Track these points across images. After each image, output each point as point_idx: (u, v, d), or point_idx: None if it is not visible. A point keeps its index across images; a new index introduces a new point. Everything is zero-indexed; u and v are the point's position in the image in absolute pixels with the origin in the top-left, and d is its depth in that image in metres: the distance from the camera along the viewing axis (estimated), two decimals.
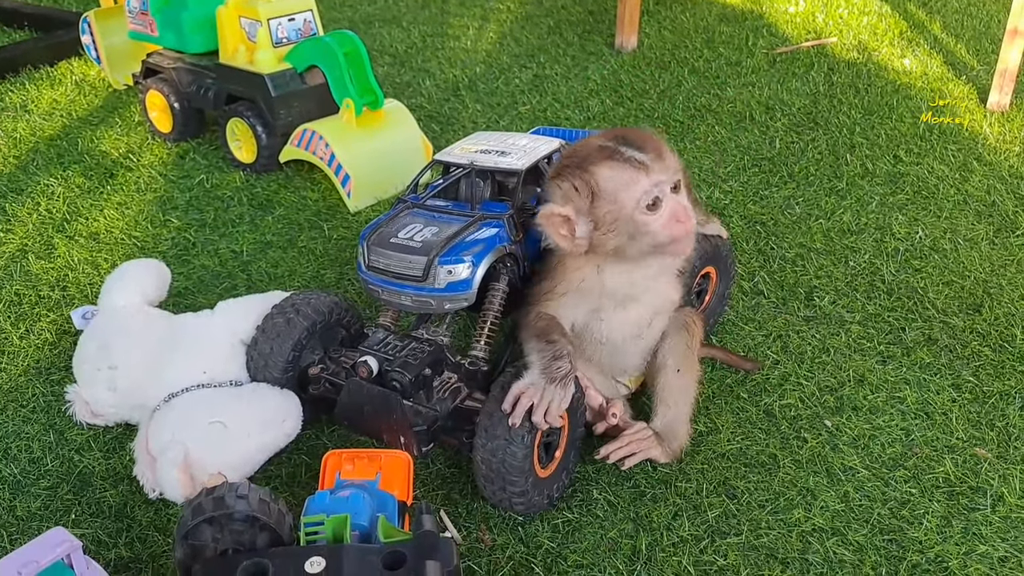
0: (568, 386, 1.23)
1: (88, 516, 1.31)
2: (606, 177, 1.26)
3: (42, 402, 1.52)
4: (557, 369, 1.23)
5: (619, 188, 1.26)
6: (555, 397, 1.21)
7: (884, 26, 3.16)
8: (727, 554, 1.24)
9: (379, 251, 1.35)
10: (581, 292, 1.34)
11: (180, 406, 1.37)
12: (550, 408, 1.21)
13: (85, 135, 2.43)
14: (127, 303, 1.55)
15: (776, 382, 1.55)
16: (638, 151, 1.26)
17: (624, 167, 1.25)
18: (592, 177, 1.27)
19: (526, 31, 3.22)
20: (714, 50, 2.99)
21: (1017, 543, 1.25)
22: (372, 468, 1.23)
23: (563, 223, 1.28)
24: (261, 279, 1.85)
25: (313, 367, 1.41)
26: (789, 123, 2.48)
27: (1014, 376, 1.55)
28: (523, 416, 1.21)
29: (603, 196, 1.26)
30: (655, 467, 1.38)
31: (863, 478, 1.36)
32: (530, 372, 1.24)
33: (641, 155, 1.26)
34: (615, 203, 1.26)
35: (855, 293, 1.77)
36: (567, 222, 1.28)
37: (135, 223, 2.05)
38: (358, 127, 2.14)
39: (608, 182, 1.26)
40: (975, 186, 2.14)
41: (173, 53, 2.38)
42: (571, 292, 1.34)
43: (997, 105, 2.52)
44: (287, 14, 2.18)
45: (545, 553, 1.25)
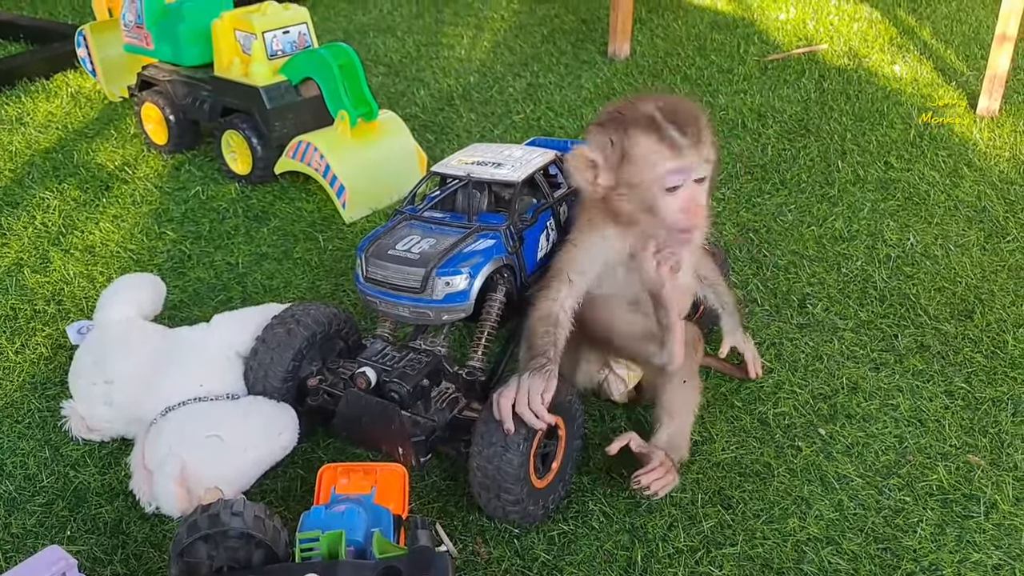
0: (546, 374, 1.24)
1: (84, 532, 1.31)
2: (642, 146, 1.29)
3: (37, 418, 1.52)
4: (532, 362, 1.26)
5: (648, 162, 1.29)
6: (532, 386, 1.22)
7: (874, 32, 3.18)
8: (723, 565, 1.24)
9: (377, 263, 1.36)
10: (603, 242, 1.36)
11: (177, 420, 1.37)
12: (530, 397, 1.21)
13: (81, 147, 2.44)
14: (122, 317, 1.55)
15: (770, 390, 1.56)
16: (680, 132, 1.28)
17: (661, 145, 1.28)
18: (629, 140, 1.30)
19: (519, 40, 3.23)
20: (706, 58, 3.00)
21: (1011, 550, 1.26)
22: (367, 482, 1.23)
23: (589, 166, 1.33)
24: (256, 291, 1.86)
25: (311, 378, 1.42)
26: (781, 130, 2.49)
27: (1006, 382, 1.56)
28: (510, 416, 1.21)
29: (632, 162, 1.30)
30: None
31: (857, 486, 1.36)
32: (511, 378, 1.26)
33: (681, 137, 1.27)
34: (639, 173, 1.30)
35: (848, 300, 1.78)
36: (593, 167, 1.32)
37: (131, 236, 2.05)
38: (353, 138, 2.15)
39: (641, 152, 1.29)
40: (966, 192, 2.15)
41: (168, 66, 2.39)
42: (593, 237, 1.37)
43: (987, 110, 2.53)
44: (282, 27, 2.19)
45: (541, 565, 1.25)
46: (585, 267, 1.37)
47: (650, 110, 1.30)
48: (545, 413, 1.22)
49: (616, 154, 1.31)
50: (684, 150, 1.27)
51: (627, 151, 1.30)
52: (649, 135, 1.28)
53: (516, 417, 1.22)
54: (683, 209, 1.30)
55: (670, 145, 1.27)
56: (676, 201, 1.29)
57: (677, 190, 1.29)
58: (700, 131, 1.29)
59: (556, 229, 1.51)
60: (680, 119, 1.29)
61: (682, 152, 1.27)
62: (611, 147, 1.31)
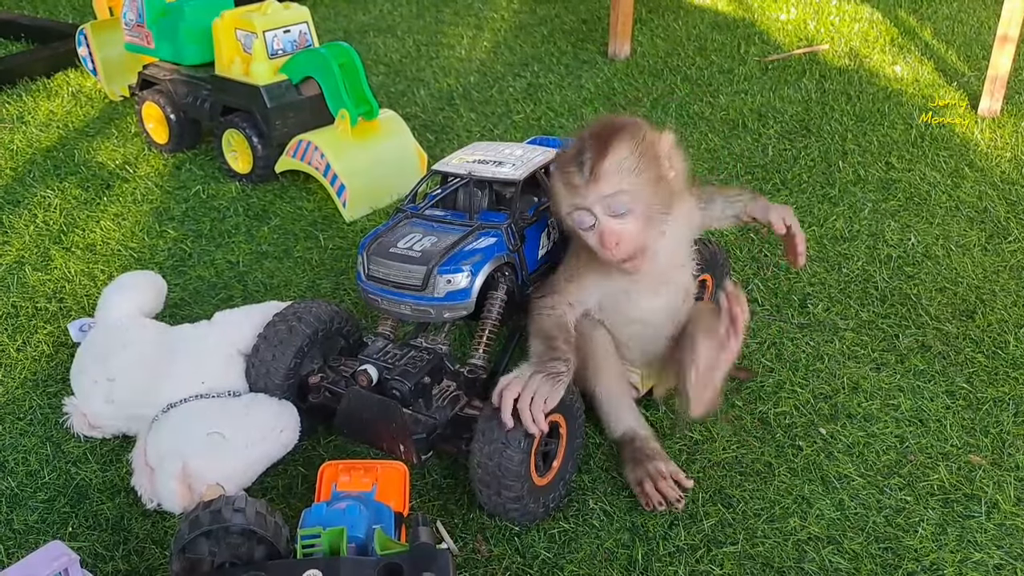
0: (557, 383, 1.24)
1: (85, 529, 1.31)
2: (554, 183, 1.35)
3: (39, 415, 1.52)
4: (549, 366, 1.25)
5: (555, 200, 1.35)
6: (540, 388, 1.22)
7: (875, 33, 3.18)
8: (723, 563, 1.24)
9: (379, 261, 1.36)
10: (599, 271, 1.38)
11: (178, 417, 1.37)
12: (534, 399, 1.21)
13: (82, 146, 2.44)
14: (124, 315, 1.56)
15: (771, 390, 1.56)
16: (578, 169, 1.28)
17: (559, 180, 1.32)
18: (551, 178, 1.37)
19: (520, 40, 3.23)
20: (706, 58, 3.00)
21: (1012, 550, 1.26)
22: (368, 479, 1.23)
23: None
24: (257, 289, 1.86)
25: (313, 376, 1.42)
26: (781, 130, 2.49)
27: (1008, 382, 1.56)
28: (510, 409, 1.21)
29: (553, 199, 1.36)
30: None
31: (858, 486, 1.36)
32: (521, 367, 1.26)
33: (577, 175, 1.28)
34: (558, 211, 1.34)
35: (848, 300, 1.78)
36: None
37: (131, 234, 2.06)
38: (353, 137, 2.15)
39: (553, 188, 1.35)
40: (967, 192, 2.15)
41: (169, 65, 2.39)
42: (588, 272, 1.39)
43: (988, 111, 2.53)
44: (282, 26, 2.19)
45: (541, 564, 1.25)
46: (583, 298, 1.40)
47: (567, 147, 1.34)
48: (542, 420, 1.22)
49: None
50: (579, 188, 1.28)
51: (552, 189, 1.36)
52: (558, 173, 1.33)
53: (514, 414, 1.22)
54: (599, 243, 1.30)
55: (566, 183, 1.30)
56: (592, 237, 1.31)
57: (588, 226, 1.31)
58: (600, 164, 1.26)
59: (557, 227, 1.51)
60: (586, 153, 1.27)
61: (576, 191, 1.29)
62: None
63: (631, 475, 1.35)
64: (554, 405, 1.23)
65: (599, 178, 1.27)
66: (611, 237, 1.29)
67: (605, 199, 1.28)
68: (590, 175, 1.27)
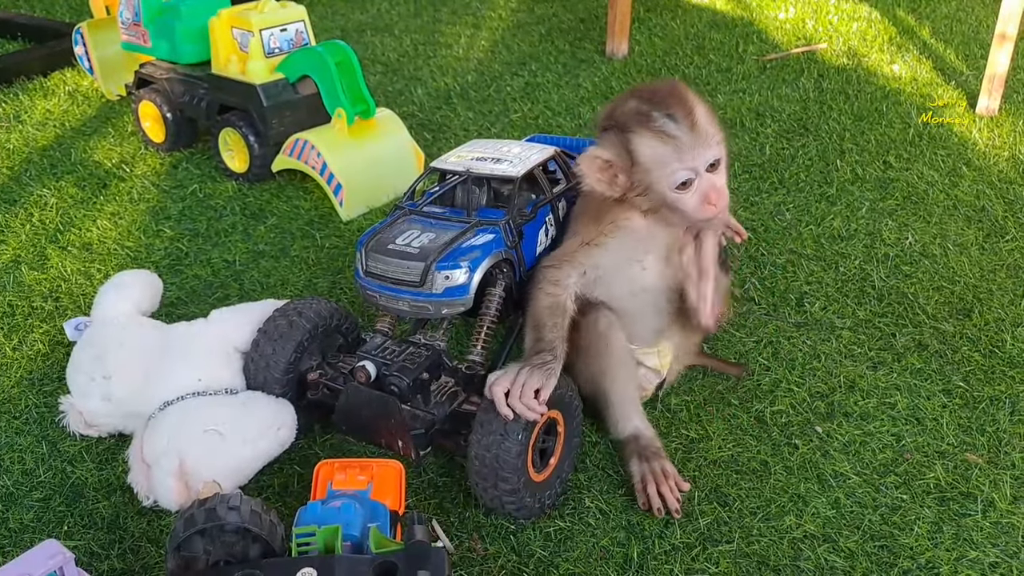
0: (547, 374, 1.24)
1: (81, 527, 1.31)
2: (642, 146, 1.29)
3: (35, 413, 1.52)
4: (536, 358, 1.26)
5: (653, 163, 1.29)
6: (529, 381, 1.22)
7: (874, 32, 3.18)
8: (719, 562, 1.24)
9: (377, 257, 1.36)
10: (627, 237, 1.37)
11: (175, 414, 1.37)
12: (523, 391, 1.21)
13: (78, 145, 2.44)
14: (119, 313, 1.55)
15: (767, 388, 1.56)
16: (673, 120, 1.26)
17: (657, 141, 1.27)
18: (630, 143, 1.29)
19: (517, 39, 3.23)
20: (704, 57, 3.00)
21: (1008, 548, 1.26)
22: (364, 478, 1.23)
23: (604, 167, 1.32)
24: (253, 288, 1.86)
25: (312, 372, 1.42)
26: (779, 129, 2.49)
27: (1004, 381, 1.56)
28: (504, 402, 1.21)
29: (639, 164, 1.30)
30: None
31: (854, 484, 1.36)
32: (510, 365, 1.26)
33: (675, 127, 1.26)
34: (648, 175, 1.29)
35: (845, 299, 1.78)
36: (609, 167, 1.32)
37: (128, 233, 2.05)
38: (350, 136, 2.15)
39: (644, 153, 1.29)
40: (965, 191, 2.15)
41: (166, 64, 2.39)
42: (617, 235, 1.37)
43: (986, 110, 2.53)
44: (279, 24, 2.19)
45: (537, 562, 1.25)
46: (602, 264, 1.38)
47: (639, 105, 1.29)
48: (536, 406, 1.22)
49: (625, 158, 1.30)
50: (683, 142, 1.26)
51: (633, 154, 1.30)
52: (646, 133, 1.28)
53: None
54: (701, 202, 1.30)
55: (668, 142, 1.26)
56: (692, 196, 1.30)
57: (689, 185, 1.29)
58: (692, 114, 1.27)
59: (555, 224, 1.51)
60: (670, 107, 1.27)
61: (683, 147, 1.26)
62: (620, 149, 1.30)
63: (636, 470, 1.35)
64: (548, 393, 1.23)
65: (701, 132, 1.27)
66: (715, 193, 1.29)
67: (710, 152, 1.28)
68: (691, 130, 1.26)
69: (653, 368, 1.49)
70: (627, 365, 1.42)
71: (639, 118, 1.29)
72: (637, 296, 1.42)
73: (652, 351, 1.48)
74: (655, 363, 1.49)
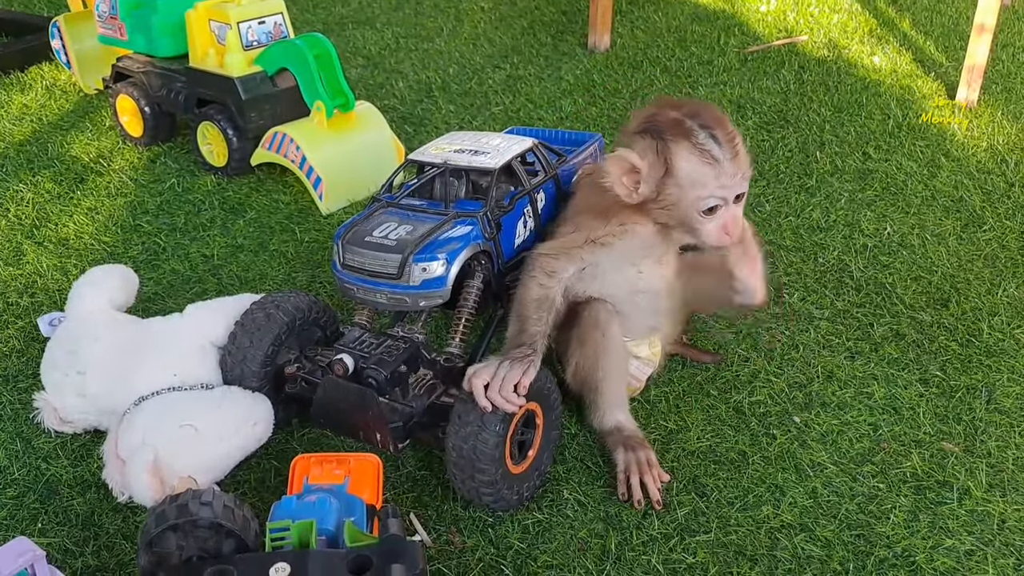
0: (526, 365, 1.23)
1: (55, 524, 1.30)
2: (683, 160, 1.26)
3: (9, 410, 1.50)
4: (516, 352, 1.25)
5: (689, 181, 1.27)
6: (509, 374, 1.21)
7: (854, 24, 3.19)
8: (696, 552, 1.24)
9: (354, 249, 1.36)
10: (632, 242, 1.36)
11: (150, 409, 1.36)
12: (503, 384, 1.21)
13: (55, 140, 2.42)
14: (94, 308, 1.54)
15: (746, 379, 1.56)
16: (717, 143, 1.25)
17: (701, 160, 1.25)
18: (673, 155, 1.27)
19: (499, 32, 3.22)
20: (686, 49, 3.00)
21: (983, 536, 1.26)
22: (341, 472, 1.22)
23: (630, 172, 1.30)
24: (232, 283, 1.85)
25: (289, 366, 1.41)
26: (760, 121, 2.49)
27: (981, 370, 1.57)
28: (482, 394, 1.21)
29: (674, 177, 1.28)
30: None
31: (831, 474, 1.37)
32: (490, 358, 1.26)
33: (719, 151, 1.25)
34: (681, 191, 1.28)
35: (824, 289, 1.79)
36: (635, 173, 1.30)
37: (105, 228, 2.04)
38: (329, 129, 2.14)
39: (683, 168, 1.27)
40: (943, 182, 2.16)
41: (143, 57, 2.37)
42: (624, 238, 1.36)
43: (965, 101, 2.54)
44: (257, 17, 2.17)
45: (515, 554, 1.25)
46: (602, 263, 1.37)
47: (678, 116, 1.28)
48: (515, 399, 1.21)
49: (659, 167, 1.28)
50: (724, 168, 1.25)
51: (671, 166, 1.27)
52: (690, 148, 1.26)
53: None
54: (718, 231, 1.30)
55: (712, 164, 1.25)
56: (715, 222, 1.29)
57: (715, 211, 1.29)
58: (735, 142, 1.27)
59: (534, 216, 1.51)
60: (714, 128, 1.26)
61: (723, 171, 1.25)
62: (655, 156, 1.28)
63: (621, 459, 1.35)
64: (527, 385, 1.23)
65: (740, 161, 1.26)
66: (734, 224, 1.29)
67: (742, 183, 1.28)
68: (733, 157, 1.25)
69: (645, 358, 1.49)
70: (621, 360, 1.42)
71: (683, 130, 1.26)
72: (634, 297, 1.42)
73: (644, 342, 1.48)
74: (646, 353, 1.49)
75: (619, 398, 1.42)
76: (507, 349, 1.29)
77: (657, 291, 1.43)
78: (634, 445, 1.36)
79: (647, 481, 1.32)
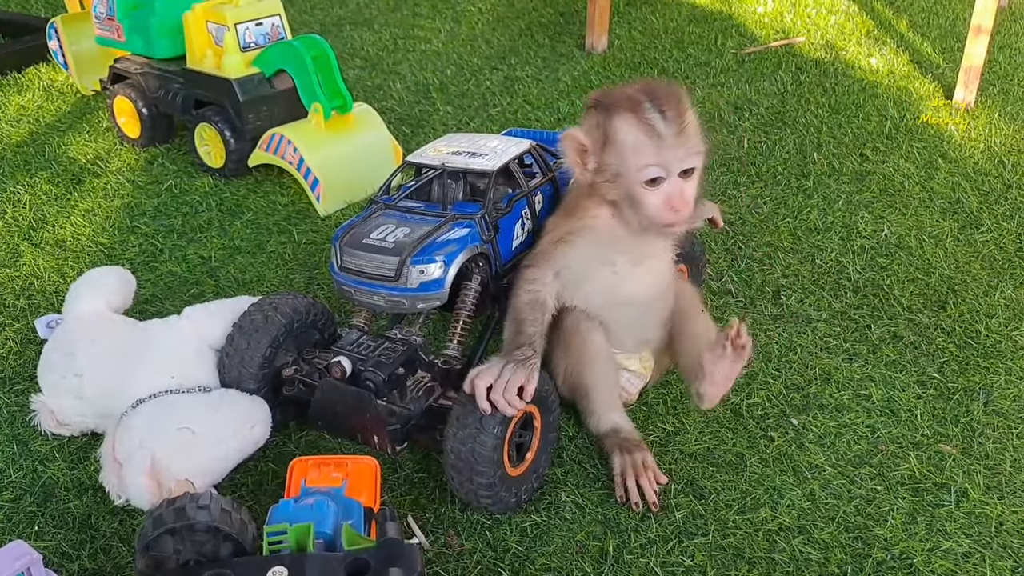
0: (529, 369, 1.23)
1: (52, 527, 1.29)
2: (622, 131, 1.26)
3: (6, 413, 1.50)
4: (517, 353, 1.25)
5: (628, 149, 1.26)
6: (513, 377, 1.21)
7: (851, 25, 3.19)
8: (694, 554, 1.24)
9: (352, 252, 1.36)
10: (594, 235, 1.34)
11: (147, 412, 1.36)
12: (507, 387, 1.20)
13: (53, 141, 2.41)
14: (91, 310, 1.54)
15: (743, 381, 1.56)
16: (663, 119, 1.24)
17: (639, 129, 1.24)
18: (611, 124, 1.26)
19: (497, 33, 3.22)
20: (683, 51, 3.00)
21: (981, 539, 1.26)
22: (339, 475, 1.23)
23: (579, 150, 1.30)
24: (229, 285, 1.84)
25: (287, 368, 1.41)
26: (757, 123, 2.49)
27: (978, 372, 1.57)
28: (485, 397, 1.20)
29: (613, 147, 1.27)
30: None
31: (829, 476, 1.37)
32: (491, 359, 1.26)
33: (664, 125, 1.23)
34: (621, 160, 1.26)
35: (822, 291, 1.79)
36: (583, 150, 1.30)
37: (102, 230, 2.03)
38: (327, 131, 2.13)
39: (621, 137, 1.26)
40: (940, 183, 2.16)
41: (140, 58, 2.36)
42: (584, 234, 1.34)
43: (963, 102, 2.54)
44: (254, 19, 2.17)
45: (513, 557, 1.25)
46: (572, 265, 1.36)
47: (632, 92, 1.26)
48: (518, 403, 1.21)
49: (599, 138, 1.28)
50: (666, 141, 1.24)
51: (609, 135, 1.27)
52: (630, 120, 1.25)
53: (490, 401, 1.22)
54: (664, 205, 1.27)
55: (651, 134, 1.23)
56: (658, 196, 1.27)
57: (657, 183, 1.27)
58: (684, 118, 1.25)
59: (531, 218, 1.51)
60: (663, 104, 1.24)
61: (663, 143, 1.24)
62: (596, 130, 1.28)
63: (617, 461, 1.35)
64: (532, 390, 1.23)
65: (685, 136, 1.25)
66: (679, 199, 1.27)
67: (688, 159, 1.26)
68: (680, 126, 1.24)
69: (635, 372, 1.48)
70: (606, 360, 1.42)
71: (628, 103, 1.26)
72: (618, 307, 1.40)
73: (633, 356, 1.48)
74: (637, 367, 1.48)
75: (612, 401, 1.42)
76: (507, 350, 1.28)
77: (643, 301, 1.41)
78: (630, 447, 1.36)
79: (643, 484, 1.32)
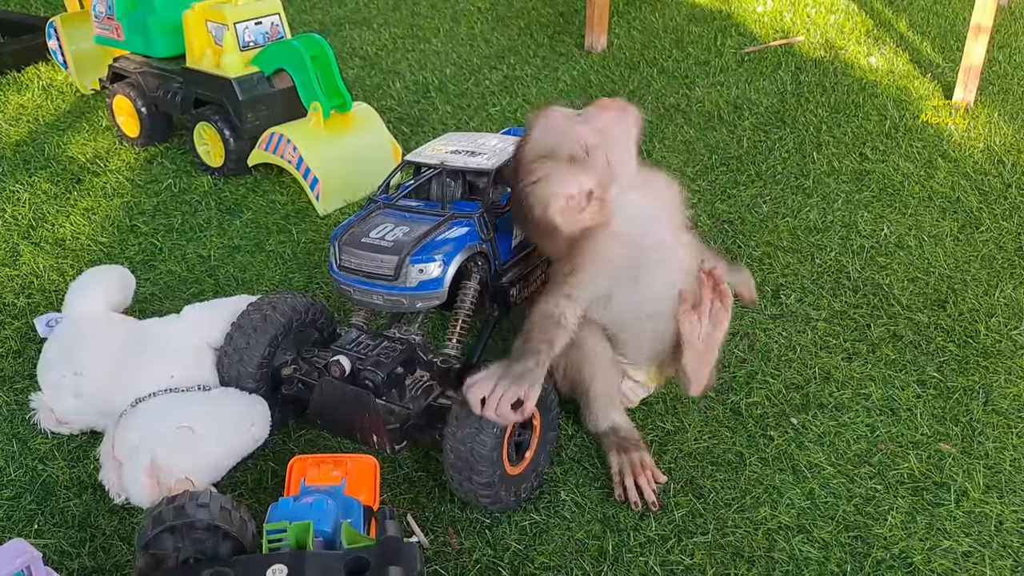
0: (530, 384, 1.22)
1: (51, 526, 1.29)
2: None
3: (5, 411, 1.50)
4: (516, 366, 1.24)
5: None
6: (507, 393, 1.20)
7: (851, 24, 3.19)
8: (693, 553, 1.24)
9: (351, 251, 1.36)
10: (599, 262, 1.33)
11: (147, 410, 1.36)
12: (500, 402, 1.20)
13: (52, 140, 2.41)
14: (91, 309, 1.54)
15: (743, 380, 1.56)
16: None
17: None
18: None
19: (496, 32, 3.22)
20: (683, 50, 3.00)
21: (980, 538, 1.26)
22: (338, 473, 1.22)
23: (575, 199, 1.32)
24: (228, 284, 1.84)
25: (286, 367, 1.41)
26: (757, 122, 2.49)
27: (978, 371, 1.57)
28: (479, 406, 1.20)
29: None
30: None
31: (828, 475, 1.37)
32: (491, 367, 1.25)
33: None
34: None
35: (821, 291, 1.79)
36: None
37: (102, 229, 2.03)
38: (326, 130, 2.13)
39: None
40: (940, 182, 2.16)
41: (140, 58, 2.36)
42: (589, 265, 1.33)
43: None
44: (254, 18, 2.17)
45: (512, 555, 1.25)
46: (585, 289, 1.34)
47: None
48: (511, 416, 1.20)
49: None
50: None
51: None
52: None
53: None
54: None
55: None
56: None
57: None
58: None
59: None
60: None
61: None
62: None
63: (615, 461, 1.35)
64: (531, 405, 1.22)
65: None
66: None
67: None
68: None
69: (641, 383, 1.48)
70: (605, 359, 1.42)
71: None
72: (645, 321, 1.38)
73: (641, 369, 1.47)
74: (643, 378, 1.47)
75: (611, 399, 1.41)
76: (510, 360, 1.26)
77: (663, 313, 1.37)
78: (628, 447, 1.36)
79: (641, 483, 1.32)
